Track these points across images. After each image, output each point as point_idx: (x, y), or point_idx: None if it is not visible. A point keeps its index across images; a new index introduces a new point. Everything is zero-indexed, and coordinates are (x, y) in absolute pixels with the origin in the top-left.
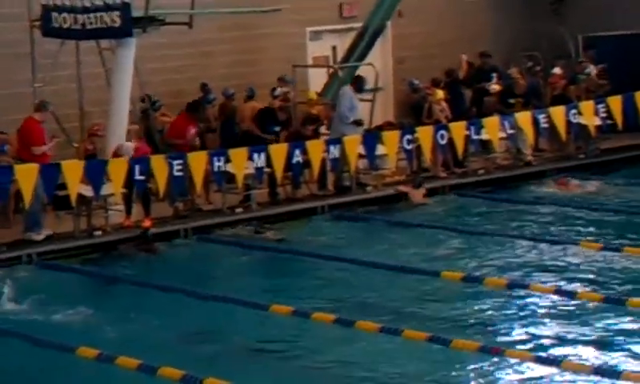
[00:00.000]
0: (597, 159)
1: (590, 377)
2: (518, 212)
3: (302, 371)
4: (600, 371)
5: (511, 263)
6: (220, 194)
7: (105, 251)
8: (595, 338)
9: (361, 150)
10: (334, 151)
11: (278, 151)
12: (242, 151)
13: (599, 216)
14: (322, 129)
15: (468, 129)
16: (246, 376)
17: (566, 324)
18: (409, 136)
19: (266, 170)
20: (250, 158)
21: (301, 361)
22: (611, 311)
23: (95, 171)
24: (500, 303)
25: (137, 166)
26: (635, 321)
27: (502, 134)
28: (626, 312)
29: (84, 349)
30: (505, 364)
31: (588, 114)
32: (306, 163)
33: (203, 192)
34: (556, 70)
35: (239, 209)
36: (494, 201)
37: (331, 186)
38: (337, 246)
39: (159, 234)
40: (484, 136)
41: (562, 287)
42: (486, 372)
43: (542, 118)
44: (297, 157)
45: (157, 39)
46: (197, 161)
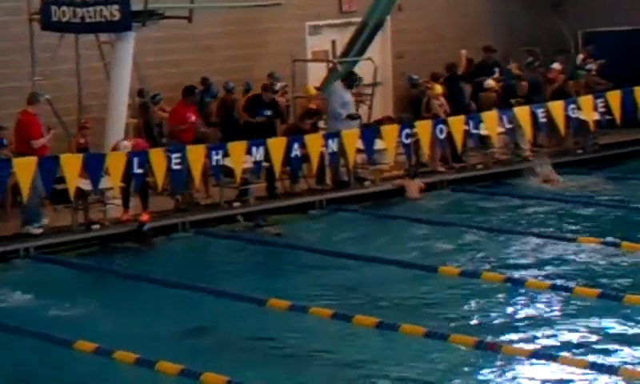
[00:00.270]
0: (595, 154)
1: (587, 372)
2: (516, 207)
3: (299, 366)
4: (597, 367)
5: (508, 258)
6: (218, 188)
7: (102, 245)
8: (592, 334)
9: (359, 145)
10: (333, 146)
11: (277, 145)
12: (241, 145)
13: (597, 211)
14: (321, 123)
15: (467, 123)
16: (244, 370)
17: (563, 320)
18: (407, 130)
19: (265, 165)
20: (249, 152)
21: (298, 355)
22: (608, 307)
23: (94, 165)
24: (497, 299)
25: (135, 160)
26: (632, 317)
27: (501, 129)
28: (623, 308)
29: (81, 343)
30: (501, 360)
31: (587, 109)
32: (305, 158)
33: (202, 186)
34: (555, 66)
35: (237, 203)
36: (492, 196)
37: (329, 181)
38: (334, 241)
39: (157, 228)
40: (483, 131)
41: (559, 283)
42: (483, 367)
43: (541, 113)
44: (295, 151)
45: (156, 33)
46: (195, 154)
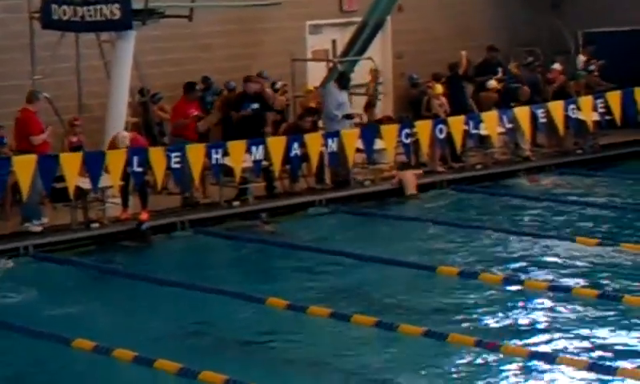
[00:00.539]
0: (595, 155)
1: (585, 372)
2: (515, 207)
3: (298, 364)
4: (595, 367)
5: (507, 258)
6: (217, 187)
7: (101, 244)
8: (590, 334)
9: (359, 145)
10: (332, 145)
11: (277, 144)
12: (240, 144)
13: (597, 212)
14: (321, 122)
15: (466, 123)
16: (242, 369)
17: (562, 319)
18: (407, 130)
19: (264, 164)
20: (248, 151)
21: (296, 354)
22: (606, 307)
23: (93, 163)
24: (496, 298)
25: (135, 158)
26: (630, 317)
27: (501, 129)
28: (622, 308)
29: (80, 341)
30: (500, 359)
31: (586, 110)
32: (305, 157)
33: (200, 185)
34: (556, 66)
35: (236, 202)
36: (491, 196)
37: (329, 180)
38: (333, 240)
39: (156, 227)
40: (483, 131)
41: (558, 283)
42: (482, 367)
43: (541, 113)
44: (295, 150)
45: (156, 32)
46: (195, 153)
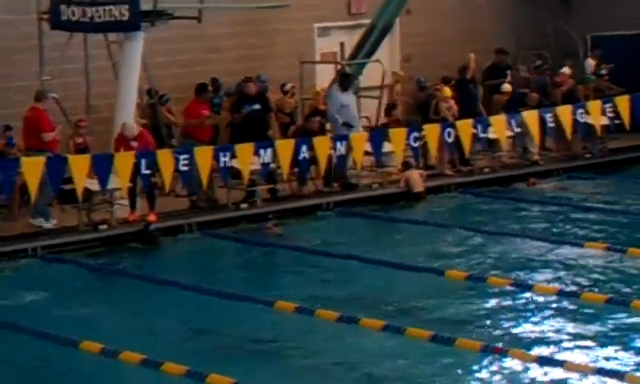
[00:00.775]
0: (604, 159)
1: (594, 378)
2: (523, 211)
3: (305, 368)
4: (603, 373)
5: (515, 263)
6: (224, 190)
7: (109, 245)
8: (598, 340)
9: (367, 147)
10: (341, 148)
11: (285, 147)
12: (248, 147)
13: (605, 216)
14: (328, 125)
15: (475, 127)
16: (250, 372)
17: (570, 325)
18: (416, 134)
19: (271, 166)
20: (256, 154)
21: (303, 357)
22: (615, 312)
23: (102, 165)
24: (503, 303)
25: (143, 160)
26: (639, 323)
27: (509, 133)
28: (630, 314)
29: (87, 343)
30: (507, 364)
31: (595, 114)
32: (313, 159)
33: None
34: (565, 70)
35: (244, 204)
36: (499, 199)
37: (336, 183)
38: (341, 243)
39: (163, 229)
40: (491, 134)
41: (566, 288)
42: (489, 372)
43: (549, 117)
44: (303, 153)
45: (165, 33)
46: (203, 156)
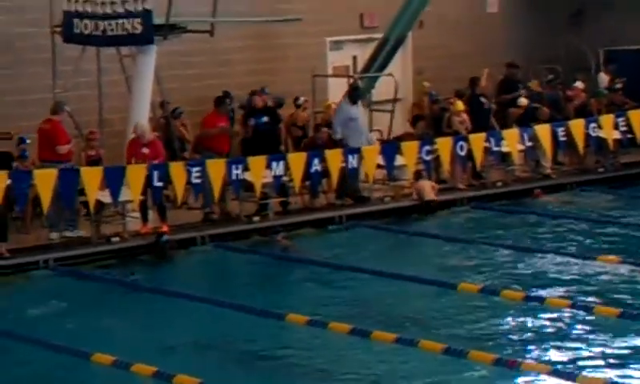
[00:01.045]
0: (616, 173)
1: None
2: (536, 225)
3: (318, 381)
4: None
5: (528, 276)
6: (237, 202)
7: (122, 258)
8: (611, 353)
9: (380, 161)
10: (353, 161)
11: (297, 160)
12: (261, 159)
13: (617, 230)
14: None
15: (487, 140)
16: None
17: (583, 338)
18: (428, 147)
19: (284, 179)
20: (269, 167)
21: (316, 370)
22: (628, 326)
23: (114, 177)
24: (517, 316)
25: (155, 172)
26: None
27: (522, 147)
28: None
29: (99, 355)
30: (521, 377)
31: (607, 128)
32: (325, 172)
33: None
34: (577, 84)
35: (256, 217)
36: (512, 213)
37: (348, 197)
38: (353, 256)
39: (176, 241)
40: (504, 148)
41: (579, 301)
42: None
43: (561, 131)
44: (315, 166)
45: (177, 47)
46: (215, 168)
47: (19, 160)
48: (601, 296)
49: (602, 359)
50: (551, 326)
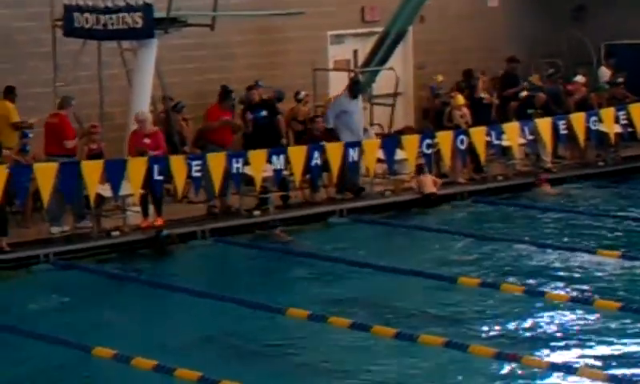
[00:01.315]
0: (617, 167)
1: None
2: (536, 219)
3: (316, 374)
4: (616, 379)
5: (528, 270)
6: (237, 196)
7: (122, 252)
8: (612, 346)
9: (380, 155)
10: (353, 155)
11: (297, 154)
12: (261, 153)
13: (618, 224)
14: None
15: (488, 134)
16: (262, 378)
17: (583, 332)
18: (429, 141)
19: (284, 173)
20: (269, 161)
21: (317, 365)
22: (628, 319)
23: (114, 171)
24: (516, 310)
25: (155, 167)
26: None
27: (522, 140)
28: None
29: (100, 349)
30: (521, 370)
31: (608, 122)
32: (325, 166)
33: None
34: (579, 78)
35: (257, 211)
36: (512, 207)
37: (348, 191)
38: (353, 250)
39: (177, 236)
40: (504, 142)
41: (579, 295)
42: (503, 378)
43: (562, 125)
44: (315, 159)
45: (178, 41)
46: (216, 162)
47: (20, 154)
48: (601, 290)
49: (603, 353)
50: (551, 320)
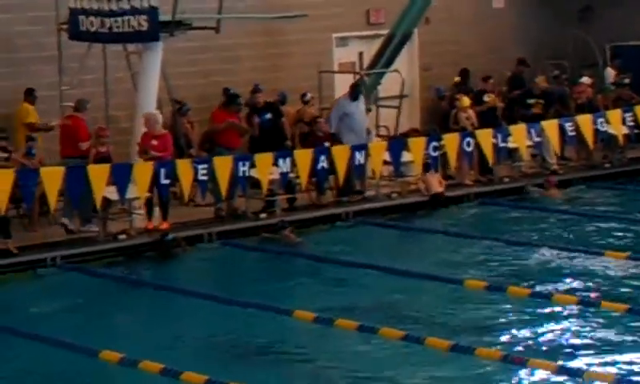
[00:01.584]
0: (623, 168)
1: None
2: (543, 220)
3: (325, 377)
4: (623, 382)
5: (535, 272)
6: (244, 199)
7: (129, 255)
8: (619, 349)
9: (386, 157)
10: (359, 158)
11: (303, 157)
12: (267, 156)
13: (624, 226)
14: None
15: (495, 136)
16: (267, 381)
17: (590, 334)
18: (435, 143)
19: (291, 176)
20: (275, 164)
21: (324, 367)
22: (635, 321)
23: (121, 174)
24: (523, 312)
25: (162, 170)
26: None
27: (529, 142)
28: None
29: (107, 352)
30: (528, 373)
31: (616, 123)
32: (331, 169)
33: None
34: (585, 79)
35: (263, 214)
36: (519, 209)
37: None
38: (360, 253)
39: (183, 239)
40: (511, 144)
41: (586, 297)
42: (509, 381)
43: (569, 127)
44: (321, 162)
45: (183, 44)
46: (222, 165)
47: (26, 157)
48: (608, 292)
49: (610, 355)
50: (558, 322)
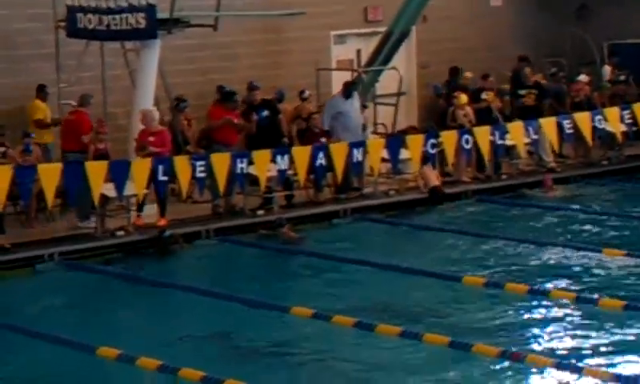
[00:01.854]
0: (621, 165)
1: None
2: (540, 218)
3: (323, 374)
4: (621, 379)
5: (533, 269)
6: (241, 196)
7: (126, 251)
8: (616, 346)
9: (384, 154)
10: (357, 155)
11: (301, 154)
12: (265, 153)
13: (622, 223)
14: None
15: (492, 134)
16: (266, 377)
17: (588, 331)
18: (432, 140)
19: (289, 173)
20: (273, 161)
21: (321, 364)
22: (633, 318)
23: (119, 171)
24: (521, 309)
25: (160, 167)
26: None
27: (526, 140)
28: None
29: (104, 349)
30: (525, 370)
31: (614, 121)
32: (330, 166)
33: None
34: (582, 77)
35: (261, 211)
36: (516, 206)
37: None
38: (358, 250)
39: (181, 235)
40: (508, 141)
41: (584, 294)
42: (507, 378)
43: (567, 124)
44: (320, 159)
45: (181, 41)
46: (220, 162)
47: (23, 154)
48: (606, 289)
49: (608, 352)
50: (556, 319)
